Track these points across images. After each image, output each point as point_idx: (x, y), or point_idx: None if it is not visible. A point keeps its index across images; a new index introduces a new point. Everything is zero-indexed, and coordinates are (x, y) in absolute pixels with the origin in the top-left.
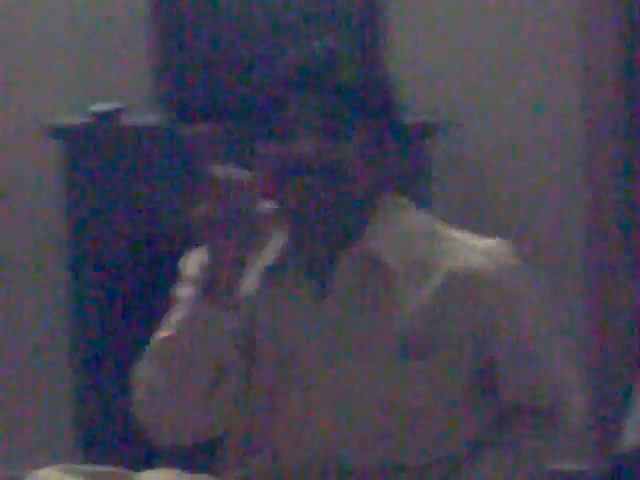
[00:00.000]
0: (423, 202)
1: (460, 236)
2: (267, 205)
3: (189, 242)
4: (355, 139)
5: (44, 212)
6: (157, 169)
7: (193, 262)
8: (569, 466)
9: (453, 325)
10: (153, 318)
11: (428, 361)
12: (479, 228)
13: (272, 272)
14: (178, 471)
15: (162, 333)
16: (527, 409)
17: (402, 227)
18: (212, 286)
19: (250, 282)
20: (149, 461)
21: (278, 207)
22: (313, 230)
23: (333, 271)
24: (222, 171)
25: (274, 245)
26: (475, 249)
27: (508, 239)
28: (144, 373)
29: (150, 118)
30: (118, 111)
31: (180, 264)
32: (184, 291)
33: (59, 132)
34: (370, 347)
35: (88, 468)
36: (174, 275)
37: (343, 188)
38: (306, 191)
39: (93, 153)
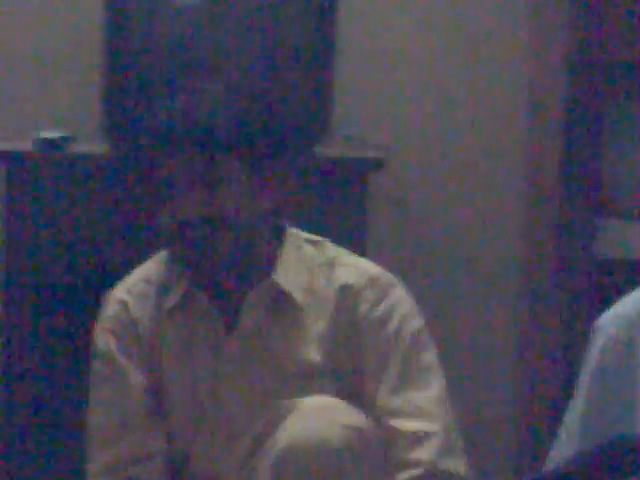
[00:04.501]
0: (359, 237)
1: (352, 260)
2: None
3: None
4: (234, 186)
5: None
6: (101, 198)
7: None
8: None
9: (343, 348)
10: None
11: (322, 382)
12: (414, 263)
13: (174, 314)
14: None
15: None
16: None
17: (303, 260)
18: None
19: (148, 326)
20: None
21: (174, 258)
22: (214, 277)
23: (242, 306)
24: None
25: (172, 288)
26: (362, 272)
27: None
28: None
29: (97, 147)
30: (64, 139)
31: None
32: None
33: (2, 157)
34: (277, 377)
35: None
36: None
37: (231, 236)
38: (195, 244)
39: (35, 180)
